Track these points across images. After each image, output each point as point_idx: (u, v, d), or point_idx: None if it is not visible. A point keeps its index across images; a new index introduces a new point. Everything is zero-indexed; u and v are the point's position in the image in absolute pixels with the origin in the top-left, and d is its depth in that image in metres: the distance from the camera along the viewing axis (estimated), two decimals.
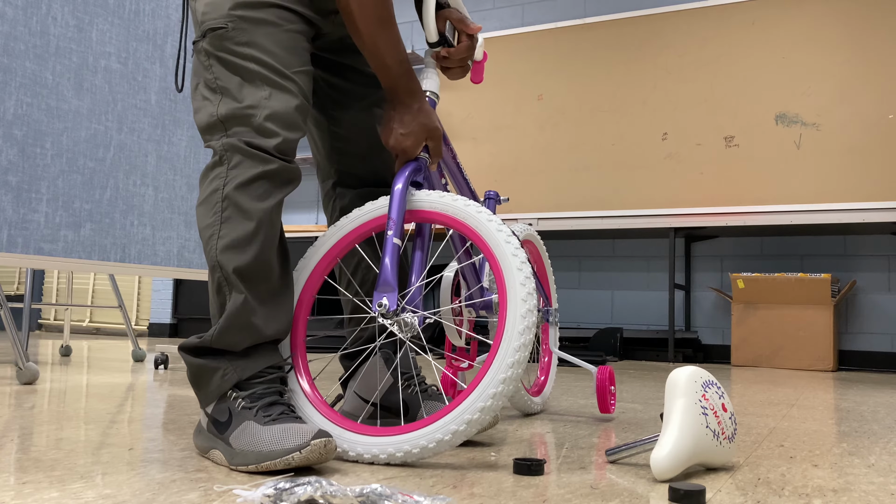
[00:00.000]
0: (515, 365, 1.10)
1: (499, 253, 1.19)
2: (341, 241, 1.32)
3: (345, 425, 1.17)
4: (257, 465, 1.06)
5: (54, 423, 1.48)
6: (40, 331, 6.32)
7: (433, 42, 1.41)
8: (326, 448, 1.05)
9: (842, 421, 1.84)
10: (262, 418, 1.11)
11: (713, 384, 1.19)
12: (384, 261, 1.21)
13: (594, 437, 1.48)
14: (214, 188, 1.22)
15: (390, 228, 1.23)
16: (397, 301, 1.18)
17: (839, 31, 3.94)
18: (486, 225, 1.21)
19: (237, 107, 1.22)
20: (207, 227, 1.22)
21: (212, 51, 1.26)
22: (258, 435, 1.08)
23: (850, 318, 4.11)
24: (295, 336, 1.28)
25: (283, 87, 1.23)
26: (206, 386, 1.20)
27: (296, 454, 1.03)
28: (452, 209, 1.25)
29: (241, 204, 1.19)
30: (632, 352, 4.28)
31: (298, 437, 1.05)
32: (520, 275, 1.15)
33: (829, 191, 3.86)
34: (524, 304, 1.13)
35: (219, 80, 1.25)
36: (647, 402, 2.12)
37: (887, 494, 1.06)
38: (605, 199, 4.34)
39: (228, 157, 1.21)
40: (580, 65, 4.50)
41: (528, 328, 1.12)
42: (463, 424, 1.10)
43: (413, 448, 1.11)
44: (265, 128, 1.21)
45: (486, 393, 1.09)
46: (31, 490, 0.93)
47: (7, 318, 2.31)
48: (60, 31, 2.36)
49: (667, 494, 1.01)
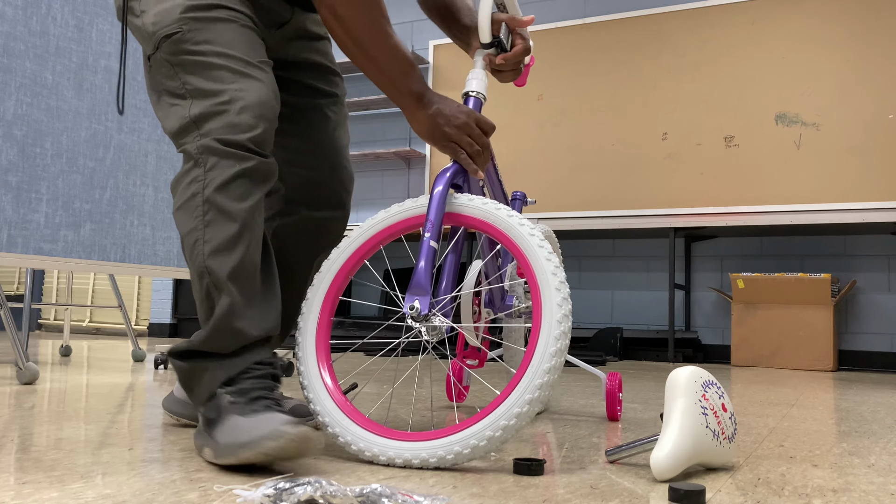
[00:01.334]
0: (552, 371, 1.10)
1: (531, 257, 1.17)
2: (369, 242, 1.29)
3: (379, 432, 1.15)
4: (237, 458, 1.04)
5: (54, 423, 1.48)
6: (40, 331, 6.32)
7: (486, 43, 1.39)
8: (300, 436, 1.01)
9: (842, 421, 1.84)
10: (245, 412, 1.11)
11: (713, 384, 1.19)
12: (419, 263, 1.19)
13: (594, 437, 1.48)
14: (193, 192, 1.19)
15: (428, 230, 1.21)
16: (429, 306, 1.17)
17: (839, 30, 3.94)
18: (517, 229, 1.20)
19: (210, 103, 1.20)
20: (190, 232, 1.19)
21: (171, 58, 1.24)
22: (238, 427, 1.07)
23: (850, 318, 4.11)
24: (319, 338, 1.26)
25: (251, 76, 1.22)
26: (196, 387, 1.20)
27: (269, 442, 1.00)
28: (483, 213, 1.23)
29: (222, 206, 1.17)
30: (632, 352, 4.28)
31: (271, 424, 1.02)
32: (554, 279, 1.14)
33: (829, 191, 3.86)
34: (559, 309, 1.12)
35: (186, 85, 1.23)
36: (647, 402, 2.12)
37: (887, 494, 1.06)
38: (605, 199, 4.34)
39: (204, 160, 1.19)
40: (580, 65, 4.50)
41: (563, 333, 1.11)
42: (499, 430, 1.09)
43: (447, 454, 1.10)
44: (240, 122, 1.19)
45: (523, 398, 1.09)
46: (31, 490, 0.93)
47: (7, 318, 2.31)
48: (60, 31, 2.35)
49: (667, 494, 1.01)
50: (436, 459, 1.10)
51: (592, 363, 3.63)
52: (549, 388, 1.10)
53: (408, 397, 2.04)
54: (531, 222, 1.22)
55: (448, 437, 1.11)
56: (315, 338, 1.25)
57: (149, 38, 1.27)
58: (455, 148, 1.28)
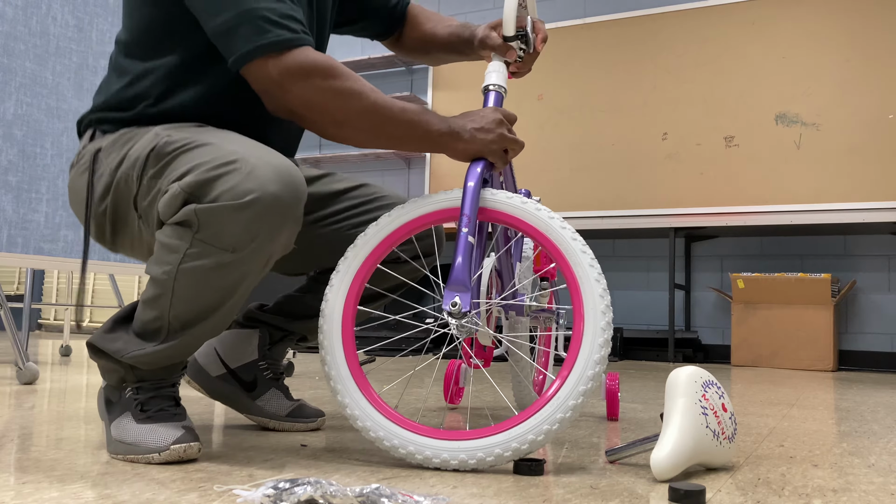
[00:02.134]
0: (595, 378, 1.09)
1: (574, 262, 1.15)
2: (398, 231, 1.25)
3: (413, 429, 1.14)
4: (125, 456, 1.13)
5: (54, 423, 1.48)
6: (40, 331, 6.32)
7: (509, 36, 1.37)
8: (186, 453, 1.11)
9: (842, 421, 1.84)
10: (138, 413, 1.16)
11: (713, 384, 1.19)
12: (457, 258, 1.16)
13: (594, 437, 1.48)
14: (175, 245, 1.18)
15: (465, 225, 1.18)
16: (470, 304, 1.14)
17: (839, 30, 3.94)
18: (559, 232, 1.18)
19: (209, 164, 1.10)
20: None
21: (160, 165, 1.16)
22: (128, 429, 1.15)
23: (850, 318, 4.11)
24: (345, 327, 1.21)
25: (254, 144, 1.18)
26: (106, 375, 1.23)
27: (155, 455, 1.10)
28: (522, 212, 1.21)
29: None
30: (632, 352, 4.28)
31: (161, 440, 1.11)
32: (598, 286, 1.13)
33: (829, 191, 3.86)
34: (604, 316, 1.12)
35: (181, 167, 1.12)
36: (647, 402, 2.12)
37: (887, 494, 1.06)
38: (605, 199, 4.34)
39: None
40: (580, 65, 4.50)
41: (606, 341, 1.11)
42: (541, 435, 1.08)
43: (487, 455, 1.09)
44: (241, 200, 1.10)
45: (567, 404, 1.08)
46: (31, 490, 0.93)
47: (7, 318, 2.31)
48: (60, 31, 2.35)
49: (667, 494, 1.01)
50: (475, 461, 1.09)
51: None
52: (589, 396, 1.10)
53: (433, 396, 2.04)
54: (568, 224, 1.20)
55: (487, 438, 1.10)
56: (341, 326, 1.21)
57: (128, 180, 1.19)
58: (504, 153, 1.27)
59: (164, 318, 1.15)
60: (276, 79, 1.15)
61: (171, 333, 1.16)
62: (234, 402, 1.46)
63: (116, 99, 1.27)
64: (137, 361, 1.16)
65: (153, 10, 1.25)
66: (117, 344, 1.18)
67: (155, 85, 1.25)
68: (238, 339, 1.46)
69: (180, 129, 1.20)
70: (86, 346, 1.21)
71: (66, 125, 2.36)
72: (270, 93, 1.18)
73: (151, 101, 1.25)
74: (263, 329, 1.48)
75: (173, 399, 1.20)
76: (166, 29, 1.25)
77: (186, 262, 1.10)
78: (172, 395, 1.21)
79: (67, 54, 2.37)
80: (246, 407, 1.45)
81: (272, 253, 1.14)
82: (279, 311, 1.49)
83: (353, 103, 1.18)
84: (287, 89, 1.16)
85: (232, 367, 1.45)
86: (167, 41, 1.25)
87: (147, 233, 1.21)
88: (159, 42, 1.25)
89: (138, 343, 1.17)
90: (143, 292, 1.17)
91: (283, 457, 1.19)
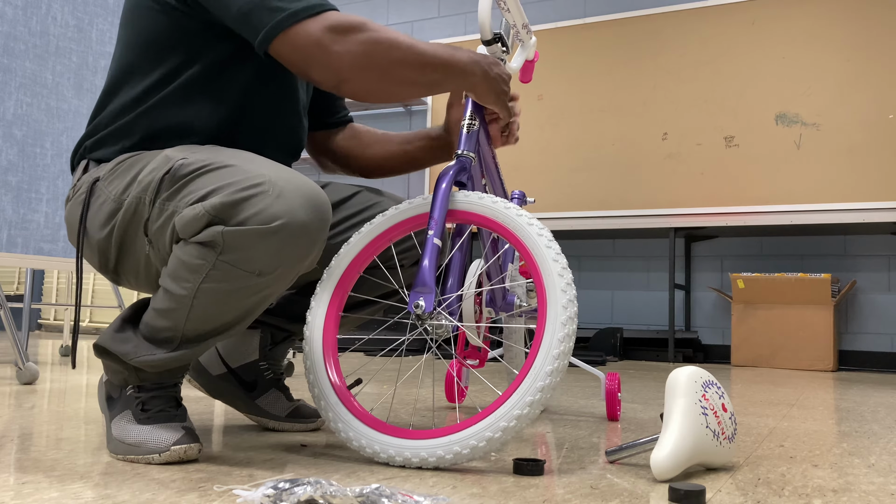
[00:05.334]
0: (554, 373, 1.09)
1: (538, 257, 1.16)
2: (378, 238, 1.28)
3: (381, 429, 1.15)
4: (125, 456, 1.13)
5: (54, 423, 1.48)
6: (40, 331, 6.32)
7: (486, 40, 1.36)
8: (186, 454, 1.12)
9: (842, 421, 1.84)
10: (139, 413, 1.16)
11: (713, 384, 1.19)
12: (423, 261, 1.18)
13: (594, 437, 1.48)
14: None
15: (431, 228, 1.20)
16: (433, 304, 1.16)
17: (839, 30, 3.94)
18: (525, 229, 1.19)
19: (235, 185, 1.08)
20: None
21: (175, 187, 1.14)
22: (129, 430, 1.15)
23: (850, 318, 4.11)
24: (327, 334, 1.25)
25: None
26: (110, 374, 1.23)
27: (155, 456, 1.11)
28: (491, 211, 1.23)
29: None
30: (632, 352, 4.28)
31: (161, 441, 1.11)
32: (561, 281, 1.13)
33: (829, 191, 3.86)
34: (565, 311, 1.11)
35: (204, 186, 1.10)
36: (647, 402, 2.12)
37: (887, 494, 1.06)
38: (605, 199, 4.34)
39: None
40: (580, 65, 4.50)
41: (568, 336, 1.10)
42: (498, 432, 1.08)
43: (446, 454, 1.09)
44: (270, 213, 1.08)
45: (524, 400, 1.08)
46: (31, 490, 0.93)
47: (7, 318, 2.31)
48: (60, 31, 2.35)
49: (667, 494, 1.01)
50: (435, 459, 1.10)
51: (592, 363, 3.63)
52: (552, 391, 1.10)
53: (408, 397, 2.04)
54: (539, 221, 1.21)
55: (448, 436, 1.10)
56: (323, 333, 1.24)
57: (139, 204, 1.17)
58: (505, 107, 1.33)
59: (177, 330, 1.14)
60: (318, 39, 1.14)
61: (184, 343, 1.15)
62: (235, 402, 1.46)
63: (114, 123, 1.26)
64: (145, 365, 1.16)
65: (160, 17, 1.23)
66: (127, 346, 1.17)
67: (155, 106, 1.24)
68: (239, 339, 1.46)
69: (194, 150, 1.18)
70: (93, 347, 1.21)
71: (66, 125, 2.36)
72: (313, 57, 1.15)
73: (150, 122, 1.24)
74: (265, 329, 1.48)
75: (174, 399, 1.20)
76: (170, 41, 1.24)
77: (208, 282, 1.09)
78: (174, 395, 1.21)
79: (67, 54, 2.37)
80: (246, 407, 1.45)
81: (296, 275, 1.14)
82: (281, 311, 1.49)
83: (394, 53, 1.17)
84: (330, 50, 1.15)
85: (233, 366, 1.45)
86: (170, 54, 1.24)
87: (156, 259, 1.19)
88: (161, 56, 1.24)
89: (148, 348, 1.16)
90: (154, 299, 1.16)
91: (283, 457, 1.19)
